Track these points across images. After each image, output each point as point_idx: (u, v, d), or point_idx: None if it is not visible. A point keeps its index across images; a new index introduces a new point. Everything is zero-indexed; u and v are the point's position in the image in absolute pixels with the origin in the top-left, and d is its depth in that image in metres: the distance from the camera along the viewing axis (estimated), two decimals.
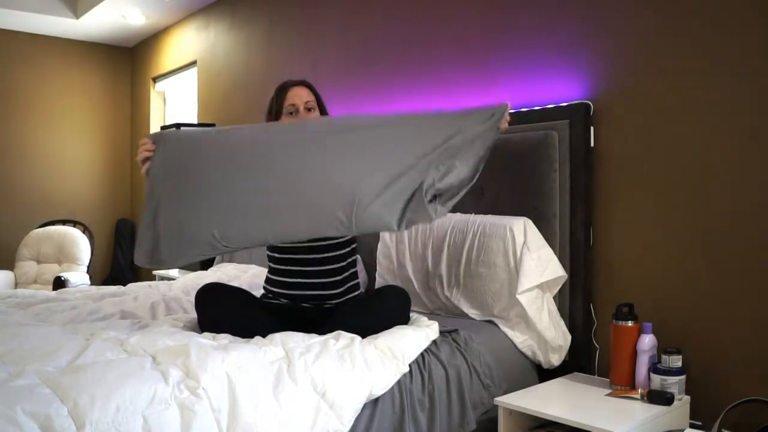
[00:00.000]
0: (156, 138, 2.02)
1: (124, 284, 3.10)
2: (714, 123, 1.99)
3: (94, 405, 1.33)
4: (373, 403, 1.72)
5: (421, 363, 1.87)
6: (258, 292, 2.25)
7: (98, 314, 2.25)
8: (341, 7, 3.41)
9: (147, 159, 1.99)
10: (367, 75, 3.23)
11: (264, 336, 1.80)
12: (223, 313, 1.95)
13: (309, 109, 2.13)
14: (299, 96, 2.13)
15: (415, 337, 1.89)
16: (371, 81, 3.21)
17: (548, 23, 2.43)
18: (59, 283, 4.06)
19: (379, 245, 2.67)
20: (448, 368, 1.92)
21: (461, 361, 1.97)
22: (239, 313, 1.96)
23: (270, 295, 2.14)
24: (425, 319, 2.08)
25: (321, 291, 2.07)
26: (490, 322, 2.26)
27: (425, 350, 1.90)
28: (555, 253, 2.26)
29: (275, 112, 2.16)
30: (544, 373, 2.26)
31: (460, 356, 1.98)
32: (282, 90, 2.16)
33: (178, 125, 4.21)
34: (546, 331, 2.18)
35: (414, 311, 2.19)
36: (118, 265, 5.62)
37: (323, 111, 2.19)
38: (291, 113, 2.12)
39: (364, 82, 3.24)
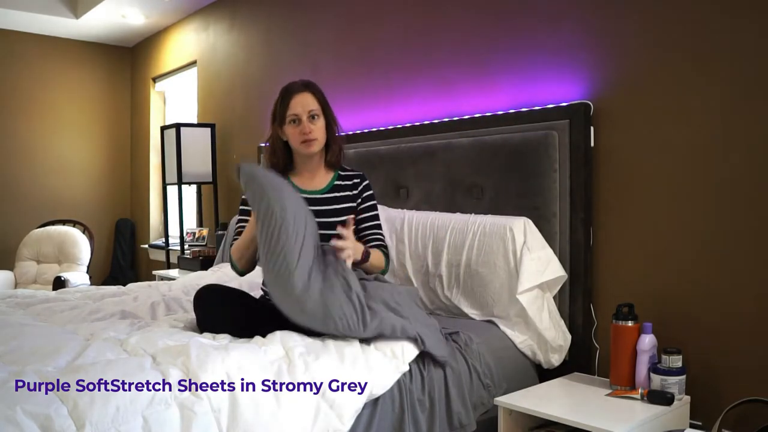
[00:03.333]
0: None
1: (124, 284, 3.09)
2: (713, 123, 1.99)
3: (94, 405, 1.33)
4: (373, 403, 1.72)
5: (421, 363, 1.86)
6: (257, 293, 2.25)
7: (98, 314, 2.25)
8: (341, 8, 3.40)
9: None
10: (367, 75, 3.23)
11: (263, 336, 1.80)
12: (222, 314, 1.95)
13: (313, 117, 2.07)
14: (302, 104, 2.06)
15: None
16: (371, 81, 3.21)
17: (548, 23, 2.43)
18: (59, 283, 4.06)
19: None
20: (447, 368, 1.92)
21: (461, 362, 1.97)
22: (238, 314, 1.96)
23: (268, 296, 2.13)
24: None
25: None
26: (490, 322, 2.26)
27: None
28: (555, 253, 2.26)
29: (279, 118, 2.10)
30: (544, 373, 2.26)
31: (460, 356, 1.98)
32: (286, 95, 2.09)
33: (178, 125, 4.22)
34: (546, 331, 2.17)
35: None
36: (118, 265, 5.62)
37: (329, 117, 2.12)
38: (293, 122, 2.07)
39: (364, 82, 3.24)
